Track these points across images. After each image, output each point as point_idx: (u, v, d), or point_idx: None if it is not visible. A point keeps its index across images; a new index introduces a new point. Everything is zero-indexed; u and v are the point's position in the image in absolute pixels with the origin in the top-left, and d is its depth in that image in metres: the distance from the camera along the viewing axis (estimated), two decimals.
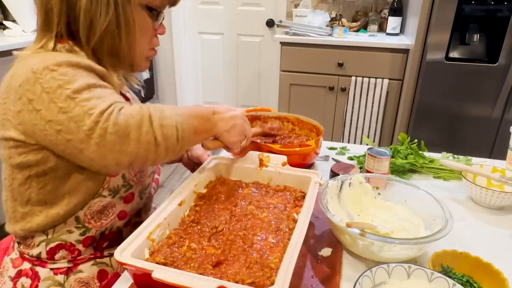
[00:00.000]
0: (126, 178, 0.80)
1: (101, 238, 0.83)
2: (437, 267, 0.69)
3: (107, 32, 0.73)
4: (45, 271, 0.80)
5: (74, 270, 0.81)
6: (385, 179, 0.92)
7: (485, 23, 2.06)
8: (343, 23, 2.82)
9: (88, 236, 0.80)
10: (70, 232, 0.79)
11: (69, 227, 0.78)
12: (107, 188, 0.77)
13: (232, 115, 0.80)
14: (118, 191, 0.79)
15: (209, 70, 3.49)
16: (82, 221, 0.78)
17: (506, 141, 1.15)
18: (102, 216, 0.80)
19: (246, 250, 0.67)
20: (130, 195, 0.83)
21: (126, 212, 0.84)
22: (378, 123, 2.60)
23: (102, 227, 0.81)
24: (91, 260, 0.82)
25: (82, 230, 0.79)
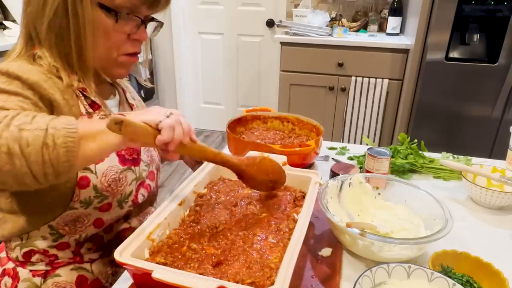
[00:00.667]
0: (98, 189, 0.75)
1: (76, 245, 0.80)
2: (437, 267, 0.69)
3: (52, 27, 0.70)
4: (25, 272, 0.79)
5: (51, 273, 0.79)
6: (385, 179, 0.92)
7: (485, 23, 2.05)
8: (343, 23, 2.81)
9: (62, 242, 0.78)
10: (44, 238, 0.77)
11: (42, 233, 0.77)
12: (77, 201, 0.74)
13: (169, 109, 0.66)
14: (91, 203, 0.75)
15: (209, 70, 3.49)
16: (55, 228, 0.76)
17: (506, 141, 1.15)
18: (77, 223, 0.77)
19: (246, 250, 0.67)
20: (107, 205, 0.78)
21: (103, 220, 0.80)
22: (378, 123, 2.60)
23: (76, 234, 0.78)
24: (70, 264, 0.81)
25: (56, 236, 0.77)
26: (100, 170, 0.75)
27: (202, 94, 3.61)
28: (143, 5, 0.75)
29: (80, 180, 0.73)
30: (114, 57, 0.78)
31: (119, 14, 0.72)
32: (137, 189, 0.85)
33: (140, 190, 0.86)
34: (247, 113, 1.30)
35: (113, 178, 0.77)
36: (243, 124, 1.28)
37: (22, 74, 0.66)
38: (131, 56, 0.80)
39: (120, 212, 0.82)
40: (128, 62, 0.80)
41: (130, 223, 0.88)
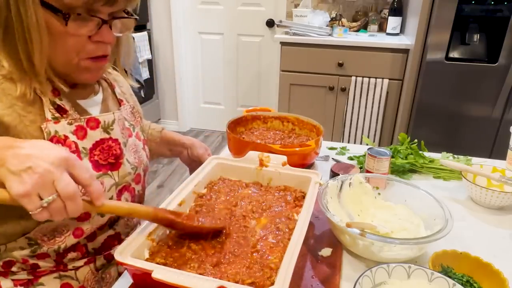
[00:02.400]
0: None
1: (57, 255, 0.76)
2: (437, 267, 0.69)
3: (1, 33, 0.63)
4: (7, 282, 0.76)
5: (34, 282, 0.76)
6: (385, 179, 0.92)
7: (485, 23, 2.06)
8: (343, 23, 2.81)
9: (40, 253, 0.74)
10: (22, 248, 0.73)
11: (20, 244, 0.73)
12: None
13: (34, 154, 0.52)
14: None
15: (209, 70, 3.49)
16: (34, 239, 0.72)
17: (506, 141, 1.15)
18: (56, 233, 0.73)
19: (246, 250, 0.67)
20: (84, 214, 0.74)
21: (83, 229, 0.76)
22: (378, 123, 2.60)
23: (55, 244, 0.74)
24: (53, 272, 0.77)
25: (34, 247, 0.73)
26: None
27: (202, 94, 3.61)
28: (98, 2, 0.64)
29: None
30: (75, 62, 0.69)
31: (67, 16, 0.63)
32: (119, 194, 0.81)
33: (123, 195, 0.82)
34: (247, 113, 1.30)
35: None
36: (243, 124, 1.28)
37: None
38: (97, 60, 0.71)
39: (101, 220, 0.78)
40: (94, 67, 0.72)
41: (115, 229, 0.84)
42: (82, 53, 0.69)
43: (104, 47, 0.71)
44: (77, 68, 0.71)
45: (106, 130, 0.78)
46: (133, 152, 0.86)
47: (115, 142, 0.80)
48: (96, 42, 0.69)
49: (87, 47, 0.69)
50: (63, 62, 0.69)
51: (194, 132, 3.68)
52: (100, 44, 0.70)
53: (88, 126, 0.75)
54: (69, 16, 0.63)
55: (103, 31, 0.68)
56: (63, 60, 0.68)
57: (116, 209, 0.62)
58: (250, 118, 1.29)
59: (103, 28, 0.68)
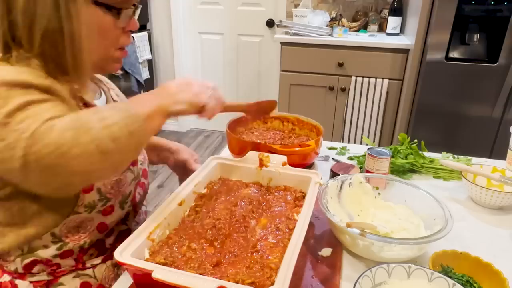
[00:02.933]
0: (102, 192, 0.74)
1: (80, 251, 0.78)
2: (437, 267, 0.69)
3: (48, 34, 0.64)
4: (25, 284, 0.77)
5: (54, 283, 0.78)
6: (385, 179, 0.92)
7: (485, 23, 2.05)
8: (343, 23, 2.81)
9: (65, 250, 0.76)
10: (46, 247, 0.74)
11: (45, 242, 0.74)
12: (82, 205, 0.72)
13: (181, 80, 0.71)
14: (94, 206, 0.74)
15: (209, 70, 3.49)
16: (58, 236, 0.74)
17: (506, 141, 1.15)
18: (80, 229, 0.75)
19: (246, 250, 0.67)
20: (109, 207, 0.77)
21: (107, 224, 0.79)
22: (378, 123, 2.60)
23: (80, 240, 0.76)
24: (72, 272, 0.79)
25: (59, 244, 0.75)
26: None
27: None
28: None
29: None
30: (111, 53, 0.75)
31: (120, 11, 0.70)
32: (135, 189, 0.85)
33: (137, 190, 0.87)
34: None
35: (115, 180, 0.77)
36: (243, 124, 1.28)
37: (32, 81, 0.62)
38: (124, 49, 0.78)
39: (120, 213, 0.82)
40: (122, 56, 0.78)
41: (128, 224, 0.87)
42: (117, 44, 0.75)
43: (130, 36, 0.78)
44: (111, 59, 0.76)
45: None
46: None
47: None
48: (126, 32, 0.76)
49: (121, 38, 0.75)
50: (103, 55, 0.74)
51: (194, 132, 3.68)
52: (128, 34, 0.77)
53: None
54: (121, 11, 0.70)
55: (133, 21, 0.75)
56: (103, 54, 0.73)
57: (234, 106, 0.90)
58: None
59: (133, 18, 0.75)
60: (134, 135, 0.59)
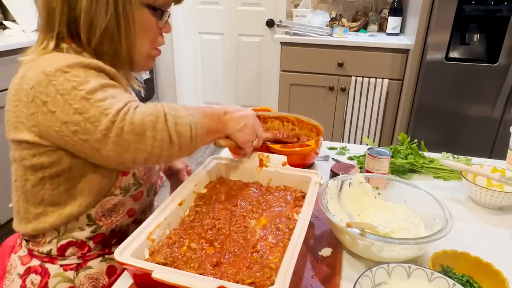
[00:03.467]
0: (137, 176, 0.81)
1: (110, 235, 0.84)
2: (437, 267, 0.69)
3: (107, 32, 0.72)
4: (55, 268, 0.80)
5: (83, 266, 0.82)
6: (385, 179, 0.92)
7: (485, 23, 2.05)
8: (343, 23, 2.81)
9: (99, 233, 0.82)
10: (82, 229, 0.80)
11: (80, 224, 0.79)
12: (118, 187, 0.79)
13: (243, 115, 0.81)
14: (129, 190, 0.81)
15: (209, 70, 3.49)
16: (93, 218, 0.79)
17: (506, 141, 1.15)
18: (113, 213, 0.81)
19: (246, 250, 0.67)
20: (139, 193, 0.84)
21: (135, 209, 0.86)
22: (378, 123, 2.60)
23: (112, 224, 0.82)
24: (100, 256, 0.84)
25: (93, 227, 0.80)
26: None
27: (202, 94, 3.61)
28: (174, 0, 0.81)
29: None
30: (150, 51, 0.82)
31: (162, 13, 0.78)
32: (159, 178, 0.94)
33: (158, 181, 0.94)
34: None
35: (148, 168, 0.84)
36: None
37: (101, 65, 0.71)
38: (159, 49, 0.86)
39: (147, 201, 0.89)
40: (157, 55, 0.85)
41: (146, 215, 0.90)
42: (155, 44, 0.83)
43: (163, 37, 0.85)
44: (149, 57, 0.83)
45: None
46: None
47: None
48: (161, 34, 0.83)
49: (158, 38, 0.83)
50: (145, 53, 0.81)
51: None
52: (162, 35, 0.84)
53: None
54: (163, 13, 0.79)
55: (168, 24, 0.83)
56: (145, 51, 0.81)
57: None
58: None
59: (167, 21, 0.83)
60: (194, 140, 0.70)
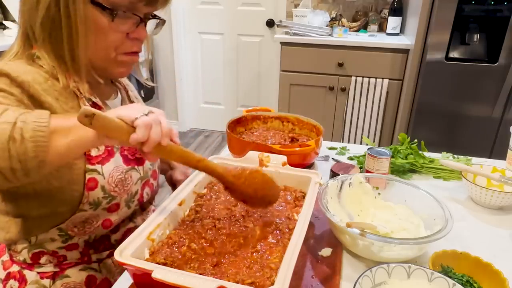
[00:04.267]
0: (106, 189, 0.76)
1: (86, 245, 0.80)
2: (437, 267, 0.69)
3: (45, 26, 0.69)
4: (32, 275, 0.79)
5: (60, 274, 0.80)
6: (385, 179, 0.92)
7: (485, 23, 2.05)
8: (343, 23, 2.81)
9: (71, 243, 0.79)
10: (53, 240, 0.77)
11: (51, 235, 0.77)
12: (87, 203, 0.74)
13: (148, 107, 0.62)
14: (99, 204, 0.76)
15: (209, 70, 3.49)
16: (64, 230, 0.77)
17: (506, 141, 1.15)
18: (86, 225, 0.78)
19: (246, 250, 0.67)
20: (115, 205, 0.79)
21: (112, 221, 0.81)
22: (378, 123, 2.60)
23: (85, 235, 0.79)
24: (78, 265, 0.81)
25: (65, 238, 0.77)
26: (106, 171, 0.75)
27: (202, 94, 3.61)
28: (140, 2, 0.71)
29: (88, 182, 0.73)
30: (113, 56, 0.75)
31: (115, 13, 0.69)
32: (142, 188, 0.86)
33: (145, 189, 0.87)
34: (247, 113, 1.30)
35: (119, 178, 0.78)
36: (243, 124, 1.28)
37: (12, 72, 0.65)
38: (132, 55, 0.78)
39: (127, 212, 0.83)
40: (129, 61, 0.78)
41: (135, 222, 0.88)
42: (120, 49, 0.75)
43: (138, 43, 0.77)
44: (114, 62, 0.76)
45: None
46: None
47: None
48: (132, 39, 0.75)
49: (125, 43, 0.75)
50: (102, 56, 0.74)
51: (194, 132, 3.68)
52: (135, 41, 0.76)
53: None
54: (116, 13, 0.69)
55: (140, 29, 0.75)
56: (102, 54, 0.74)
57: (172, 151, 0.64)
58: (250, 118, 1.29)
59: (140, 26, 0.75)
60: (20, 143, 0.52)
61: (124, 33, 0.73)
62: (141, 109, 0.58)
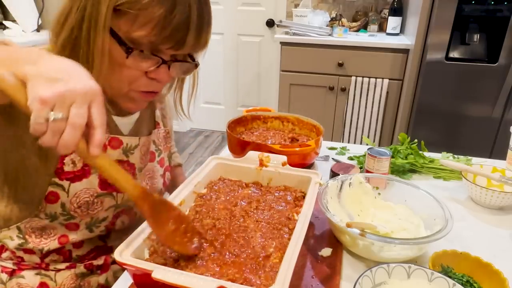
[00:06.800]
0: (66, 208, 0.74)
1: (42, 255, 0.79)
2: (437, 267, 0.69)
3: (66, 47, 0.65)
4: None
5: (17, 273, 0.80)
6: (385, 179, 0.92)
7: (485, 23, 2.06)
8: (343, 23, 2.81)
9: (26, 248, 0.78)
10: (12, 239, 0.78)
11: (11, 233, 0.78)
12: (43, 212, 0.74)
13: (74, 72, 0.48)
14: (56, 218, 0.75)
15: (209, 70, 3.49)
16: (23, 232, 0.77)
17: (506, 141, 1.15)
18: (43, 234, 0.77)
19: (246, 250, 0.67)
20: (73, 224, 0.77)
21: (68, 238, 0.78)
22: (378, 123, 2.60)
23: (40, 245, 0.77)
24: (35, 269, 0.80)
25: (21, 241, 0.77)
26: (73, 190, 0.73)
27: (202, 94, 3.61)
28: (163, 45, 0.64)
29: (48, 194, 0.72)
30: (125, 91, 0.70)
31: (130, 50, 0.64)
32: (116, 216, 0.83)
33: (120, 217, 0.84)
34: (247, 113, 1.30)
35: (85, 201, 0.74)
36: (243, 124, 1.28)
37: None
38: (147, 94, 0.72)
39: (88, 235, 0.81)
40: (140, 99, 0.73)
41: (107, 242, 0.85)
42: (135, 85, 0.70)
43: (157, 84, 0.71)
44: (125, 96, 0.72)
45: (126, 153, 0.80)
46: (148, 178, 0.87)
47: (131, 166, 0.82)
48: (151, 79, 0.69)
49: (141, 80, 0.69)
50: (114, 88, 0.70)
51: (194, 132, 3.68)
52: (154, 81, 0.70)
53: (110, 144, 0.77)
54: (132, 50, 0.64)
55: (160, 70, 0.68)
56: (115, 86, 0.69)
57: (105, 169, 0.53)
58: (250, 118, 1.29)
59: (162, 67, 0.68)
60: None
61: (142, 71, 0.68)
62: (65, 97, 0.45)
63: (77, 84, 0.46)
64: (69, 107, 0.45)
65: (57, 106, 0.45)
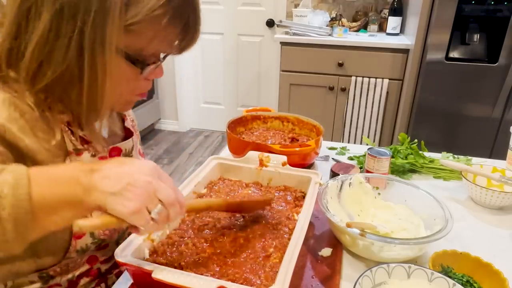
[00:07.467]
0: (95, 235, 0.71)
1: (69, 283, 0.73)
2: (437, 267, 0.69)
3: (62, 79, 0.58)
4: None
5: None
6: (385, 179, 0.92)
7: (485, 23, 2.05)
8: (343, 23, 2.81)
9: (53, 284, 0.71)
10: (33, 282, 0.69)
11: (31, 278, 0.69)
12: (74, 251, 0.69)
13: (126, 171, 0.49)
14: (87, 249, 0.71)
15: (209, 70, 3.49)
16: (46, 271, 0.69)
17: (506, 141, 1.15)
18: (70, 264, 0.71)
19: (246, 250, 0.67)
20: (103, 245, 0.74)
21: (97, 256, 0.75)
22: (378, 123, 2.60)
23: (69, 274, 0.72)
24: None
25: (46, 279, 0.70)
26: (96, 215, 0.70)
27: (202, 94, 3.61)
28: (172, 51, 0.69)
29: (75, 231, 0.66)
30: (129, 98, 0.71)
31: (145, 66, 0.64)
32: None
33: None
34: (247, 113, 1.30)
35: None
36: (243, 124, 1.28)
37: None
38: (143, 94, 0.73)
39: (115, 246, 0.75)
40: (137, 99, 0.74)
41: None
42: (137, 91, 0.70)
43: (150, 83, 0.72)
44: (126, 102, 0.72)
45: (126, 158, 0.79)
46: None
47: None
48: (148, 80, 0.70)
49: (141, 85, 0.69)
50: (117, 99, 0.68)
51: (194, 132, 3.68)
52: (149, 81, 0.71)
53: (111, 155, 0.75)
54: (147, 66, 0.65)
55: (158, 69, 0.69)
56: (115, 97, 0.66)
57: (197, 207, 0.70)
58: (250, 118, 1.29)
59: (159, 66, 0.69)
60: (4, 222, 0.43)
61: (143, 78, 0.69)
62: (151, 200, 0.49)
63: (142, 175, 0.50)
64: (156, 196, 0.50)
65: (149, 205, 0.49)
